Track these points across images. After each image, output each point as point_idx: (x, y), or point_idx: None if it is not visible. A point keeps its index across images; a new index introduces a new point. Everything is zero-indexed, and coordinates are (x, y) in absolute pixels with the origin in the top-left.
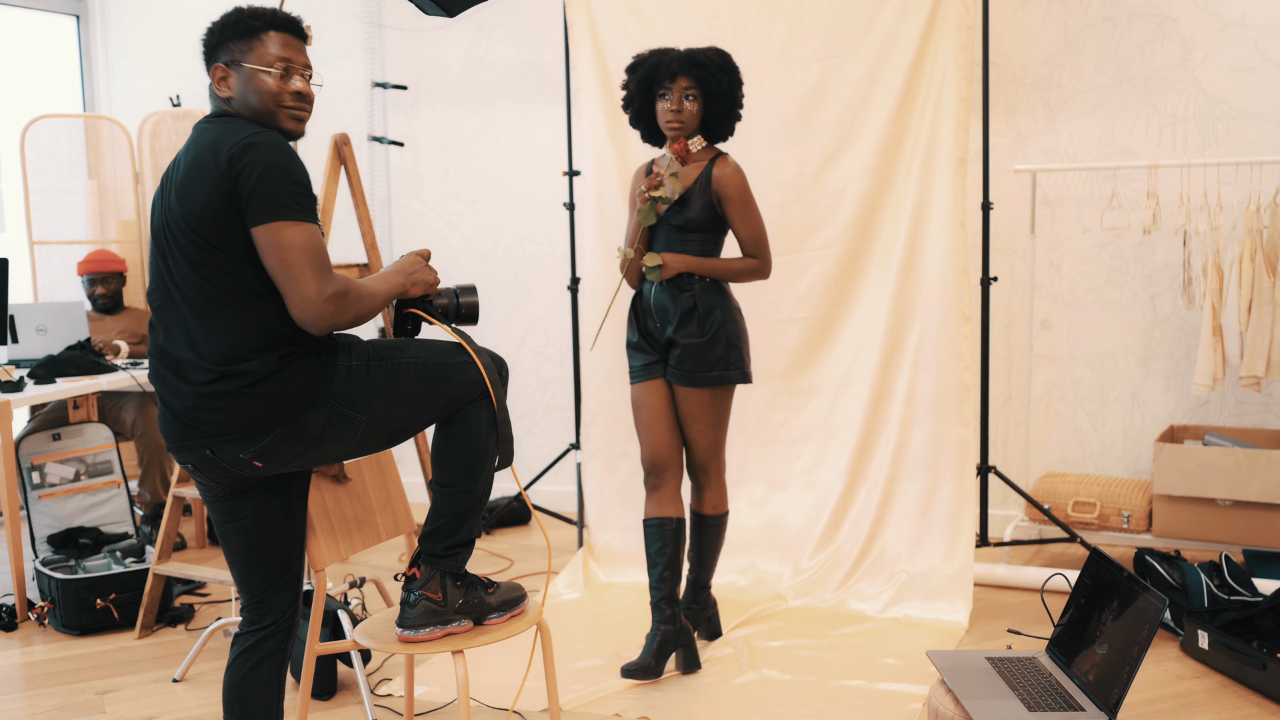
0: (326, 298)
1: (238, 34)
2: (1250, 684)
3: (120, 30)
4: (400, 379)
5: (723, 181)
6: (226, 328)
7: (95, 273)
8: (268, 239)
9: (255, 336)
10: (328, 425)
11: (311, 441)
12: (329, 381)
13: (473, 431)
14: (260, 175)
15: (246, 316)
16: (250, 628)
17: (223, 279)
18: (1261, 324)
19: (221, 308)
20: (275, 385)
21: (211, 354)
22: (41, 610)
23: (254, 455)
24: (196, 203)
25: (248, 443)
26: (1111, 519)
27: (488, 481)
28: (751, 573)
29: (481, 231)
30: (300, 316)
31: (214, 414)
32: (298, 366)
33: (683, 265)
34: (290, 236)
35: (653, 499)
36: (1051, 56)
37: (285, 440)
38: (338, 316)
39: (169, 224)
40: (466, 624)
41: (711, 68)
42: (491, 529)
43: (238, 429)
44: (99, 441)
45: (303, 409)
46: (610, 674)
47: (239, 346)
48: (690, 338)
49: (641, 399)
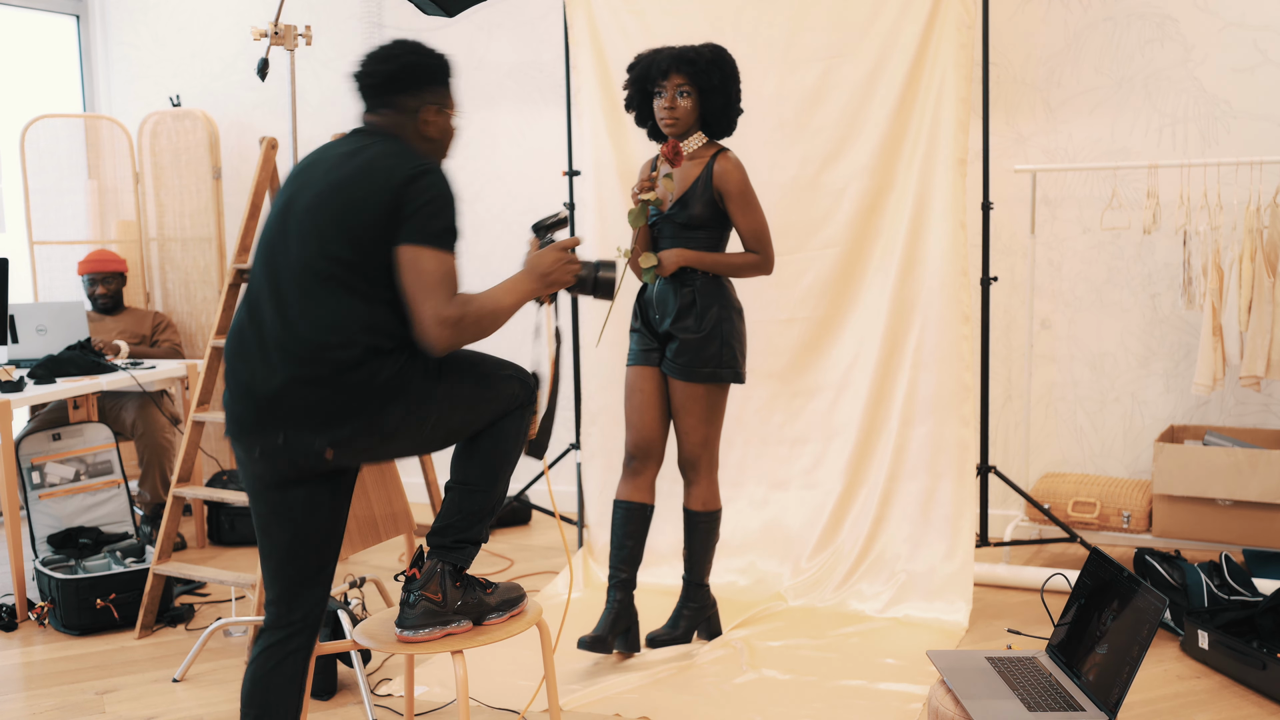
0: (444, 321)
1: (444, 80)
2: (1250, 684)
3: (120, 30)
4: (463, 383)
5: (723, 177)
6: (332, 309)
7: (95, 273)
8: (410, 259)
9: (358, 325)
10: (402, 422)
11: (385, 436)
12: (411, 379)
13: (503, 435)
14: (426, 203)
15: (356, 305)
16: (278, 623)
17: (345, 267)
18: (1261, 324)
19: (335, 291)
20: (364, 375)
21: (310, 335)
22: (41, 610)
23: (329, 444)
24: (354, 203)
25: (327, 431)
26: (1111, 519)
27: (506, 485)
28: (751, 573)
29: (481, 231)
30: (421, 336)
31: (300, 399)
32: (387, 360)
33: (681, 259)
34: (429, 263)
35: (630, 482)
36: (1051, 56)
37: (362, 432)
38: (456, 339)
39: (307, 205)
40: (466, 624)
41: (702, 63)
42: (491, 529)
43: (320, 416)
44: (99, 441)
45: (384, 402)
46: (610, 674)
47: (340, 332)
48: (686, 332)
49: (636, 383)
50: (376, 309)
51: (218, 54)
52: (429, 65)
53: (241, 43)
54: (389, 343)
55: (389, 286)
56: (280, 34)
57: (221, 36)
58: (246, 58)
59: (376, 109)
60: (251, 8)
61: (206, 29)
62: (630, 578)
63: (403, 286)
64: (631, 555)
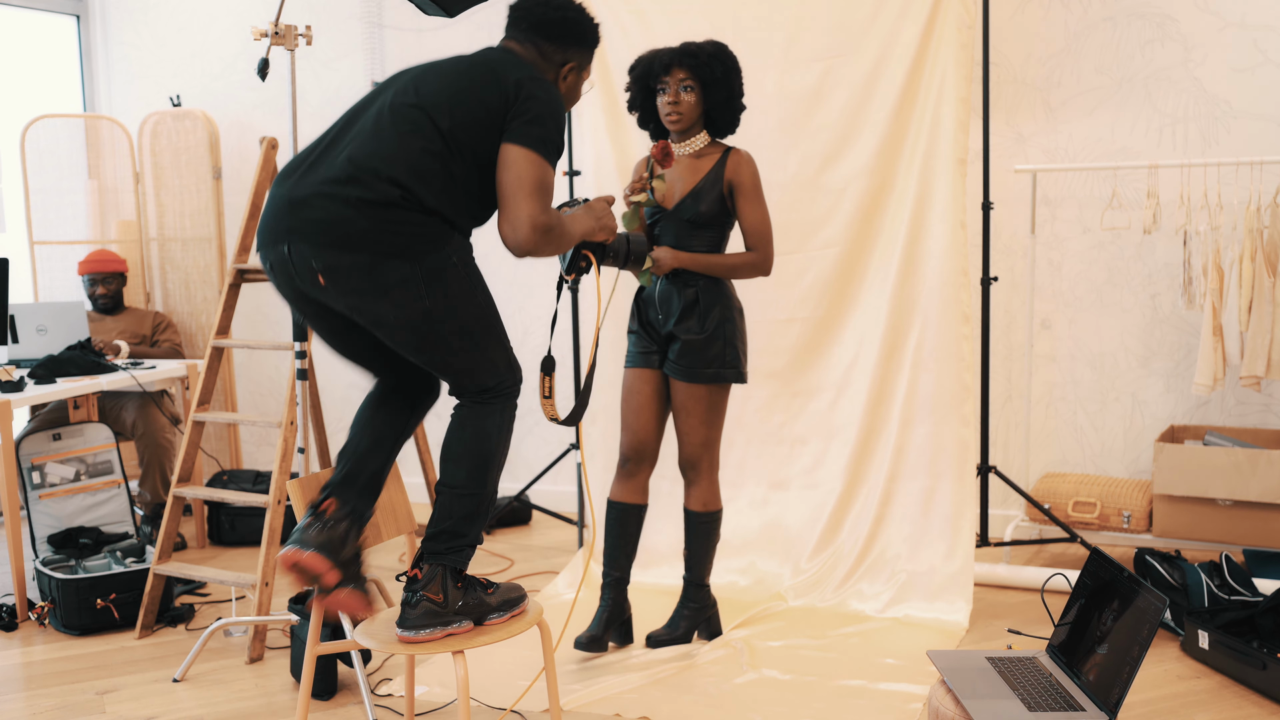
0: (537, 225)
1: (591, 47)
2: (1250, 684)
3: (120, 30)
4: (474, 311)
5: (737, 169)
6: (392, 143)
7: (96, 273)
8: (513, 158)
9: (412, 169)
10: (400, 285)
11: (379, 290)
12: (429, 253)
13: (485, 434)
14: (539, 109)
15: (421, 154)
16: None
17: (431, 125)
18: (1262, 324)
19: (407, 133)
20: (392, 217)
21: (360, 158)
22: (42, 610)
23: (324, 268)
24: (470, 85)
25: (328, 252)
26: (1112, 519)
27: (495, 484)
28: (751, 573)
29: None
30: (507, 234)
31: (319, 210)
32: (424, 221)
33: (677, 262)
34: (535, 168)
35: (625, 484)
36: (1051, 56)
37: (360, 271)
38: (539, 246)
39: (416, 74)
40: (467, 624)
41: (705, 56)
42: (491, 529)
43: (329, 235)
44: (99, 441)
45: (392, 255)
46: (610, 674)
47: (391, 165)
48: (690, 333)
49: (633, 384)
50: (439, 171)
51: (218, 54)
52: (586, 28)
53: (241, 43)
54: (434, 203)
55: (464, 166)
56: (280, 34)
57: (221, 36)
58: (246, 58)
59: (523, 41)
60: (251, 8)
61: (206, 29)
62: (624, 576)
63: (500, 185)
64: (625, 555)
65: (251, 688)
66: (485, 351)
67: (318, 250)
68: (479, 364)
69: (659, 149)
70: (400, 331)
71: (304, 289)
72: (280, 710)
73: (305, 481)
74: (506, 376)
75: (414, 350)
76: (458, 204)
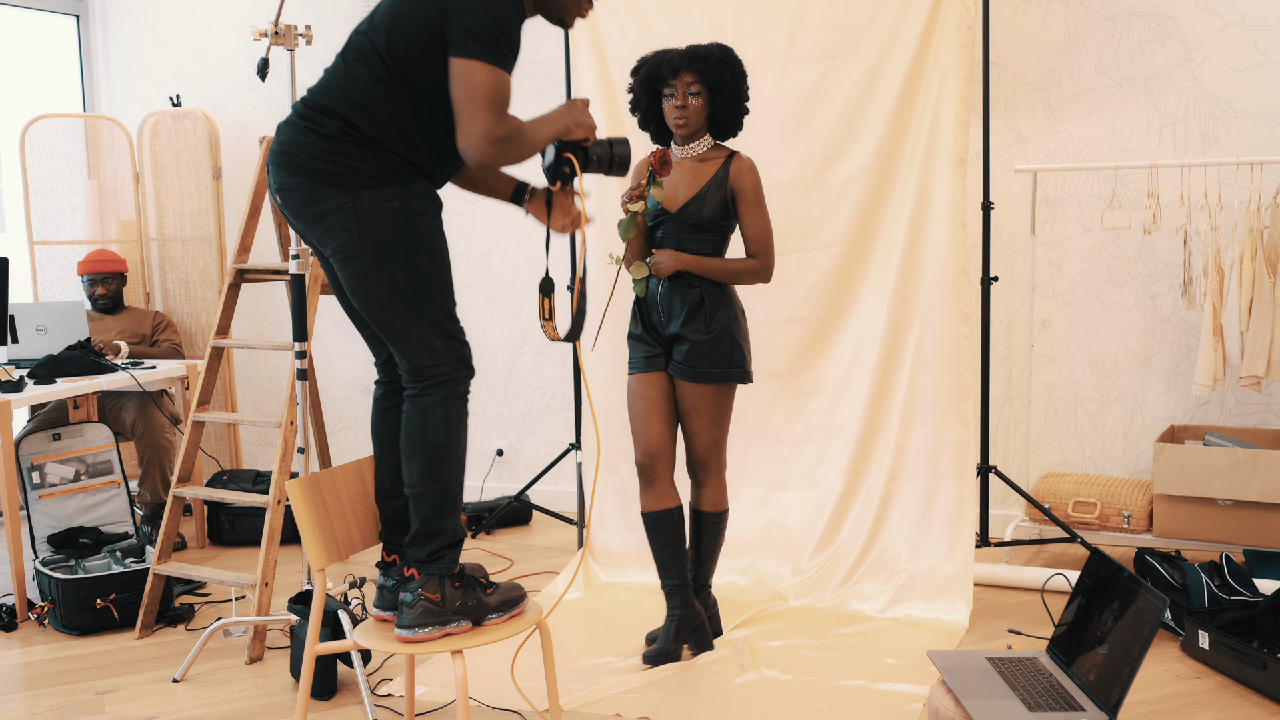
0: (491, 137)
1: None
2: (1250, 684)
3: (120, 30)
4: (405, 262)
5: (739, 176)
6: (347, 77)
7: (95, 273)
8: (458, 72)
9: (355, 101)
10: (333, 213)
11: (314, 217)
12: (365, 188)
13: (429, 428)
14: (475, 13)
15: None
16: (383, 376)
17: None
18: (1262, 324)
19: (356, 65)
20: (330, 147)
21: (312, 96)
22: (41, 610)
23: (278, 189)
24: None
25: (280, 173)
26: (1112, 519)
27: (454, 476)
28: (751, 573)
29: (481, 231)
30: (465, 149)
31: (282, 136)
32: (358, 152)
33: (680, 264)
34: (476, 74)
35: (649, 492)
36: (1051, 56)
37: (301, 194)
38: (499, 157)
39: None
40: (465, 625)
41: (713, 60)
42: (492, 529)
43: (283, 158)
44: (99, 441)
45: (329, 183)
46: (610, 674)
47: (332, 98)
48: (697, 333)
49: (640, 390)
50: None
51: (218, 54)
52: None
53: (241, 43)
54: (375, 133)
55: (409, 90)
56: (280, 34)
57: (221, 36)
58: (246, 58)
59: None
60: (251, 8)
61: (206, 29)
62: (683, 582)
63: (454, 100)
64: (675, 561)
65: (251, 688)
66: (417, 322)
67: (276, 171)
68: (410, 335)
69: (657, 157)
70: (340, 268)
71: (278, 210)
72: (280, 710)
73: (305, 481)
74: (444, 361)
75: (351, 292)
76: (409, 134)
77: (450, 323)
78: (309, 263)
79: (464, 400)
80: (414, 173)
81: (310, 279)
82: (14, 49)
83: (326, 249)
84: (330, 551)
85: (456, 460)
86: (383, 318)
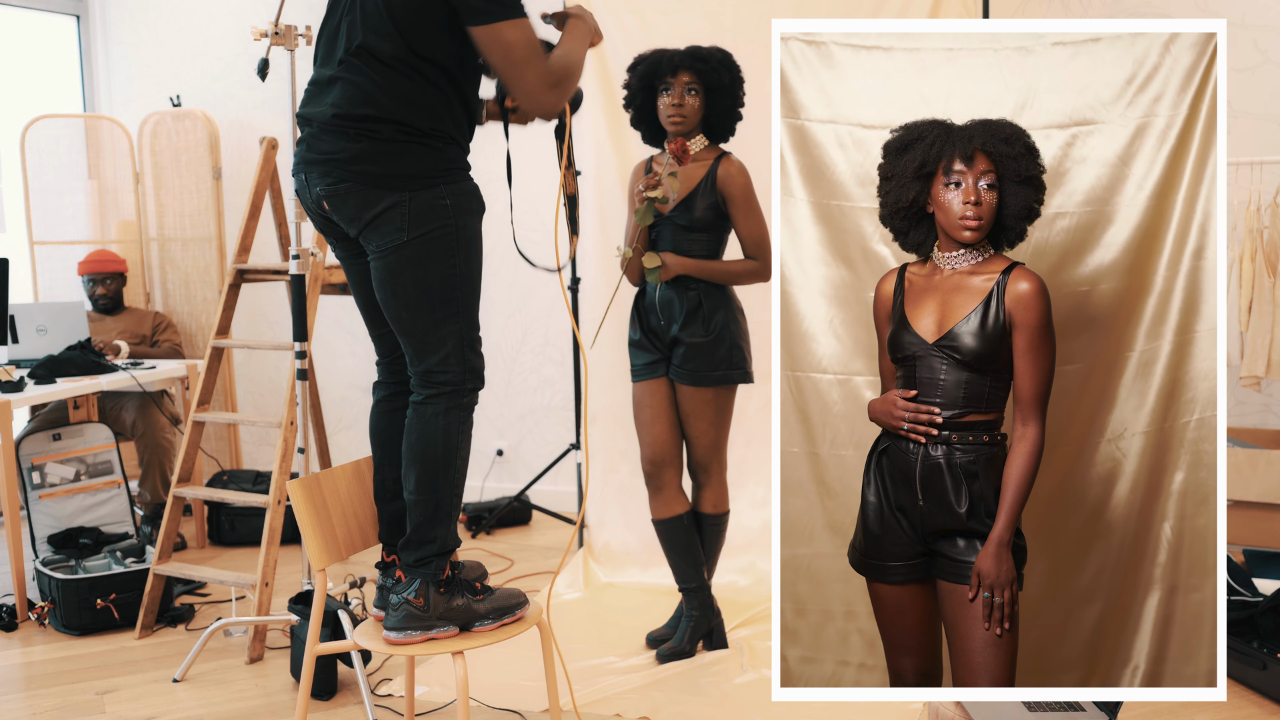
0: (551, 85)
1: None
2: (1250, 684)
3: (120, 30)
4: (442, 263)
5: (728, 180)
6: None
7: (95, 273)
8: (485, 40)
9: (410, 92)
10: (385, 214)
11: (370, 220)
12: (420, 187)
13: (429, 439)
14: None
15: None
16: (385, 377)
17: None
18: (1262, 324)
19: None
20: (389, 148)
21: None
22: (42, 610)
23: (326, 194)
24: (407, 11)
25: (329, 181)
26: None
27: (452, 487)
28: (751, 573)
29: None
30: (530, 107)
31: (341, 149)
32: (421, 151)
33: (681, 268)
34: (505, 35)
35: (658, 499)
36: None
37: (355, 197)
38: (562, 98)
39: None
40: (451, 630)
41: (713, 62)
42: (492, 529)
43: (339, 166)
44: (99, 441)
45: (386, 186)
46: (611, 674)
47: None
48: (695, 337)
49: (643, 398)
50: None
51: (218, 54)
52: None
53: (241, 43)
54: (432, 139)
55: (416, 59)
56: (280, 34)
57: (221, 36)
58: (246, 58)
59: None
60: (251, 8)
61: (206, 29)
62: (700, 584)
63: (496, 67)
64: (690, 565)
65: (251, 688)
66: (439, 325)
67: (322, 179)
68: (429, 337)
69: (678, 146)
70: (377, 260)
71: (320, 215)
72: (280, 710)
73: (305, 481)
74: (454, 368)
75: (379, 285)
76: (454, 112)
77: (470, 330)
78: (309, 263)
79: (468, 412)
80: (464, 167)
81: (310, 279)
82: (14, 49)
83: (371, 245)
84: (330, 552)
85: (455, 472)
86: (404, 315)
